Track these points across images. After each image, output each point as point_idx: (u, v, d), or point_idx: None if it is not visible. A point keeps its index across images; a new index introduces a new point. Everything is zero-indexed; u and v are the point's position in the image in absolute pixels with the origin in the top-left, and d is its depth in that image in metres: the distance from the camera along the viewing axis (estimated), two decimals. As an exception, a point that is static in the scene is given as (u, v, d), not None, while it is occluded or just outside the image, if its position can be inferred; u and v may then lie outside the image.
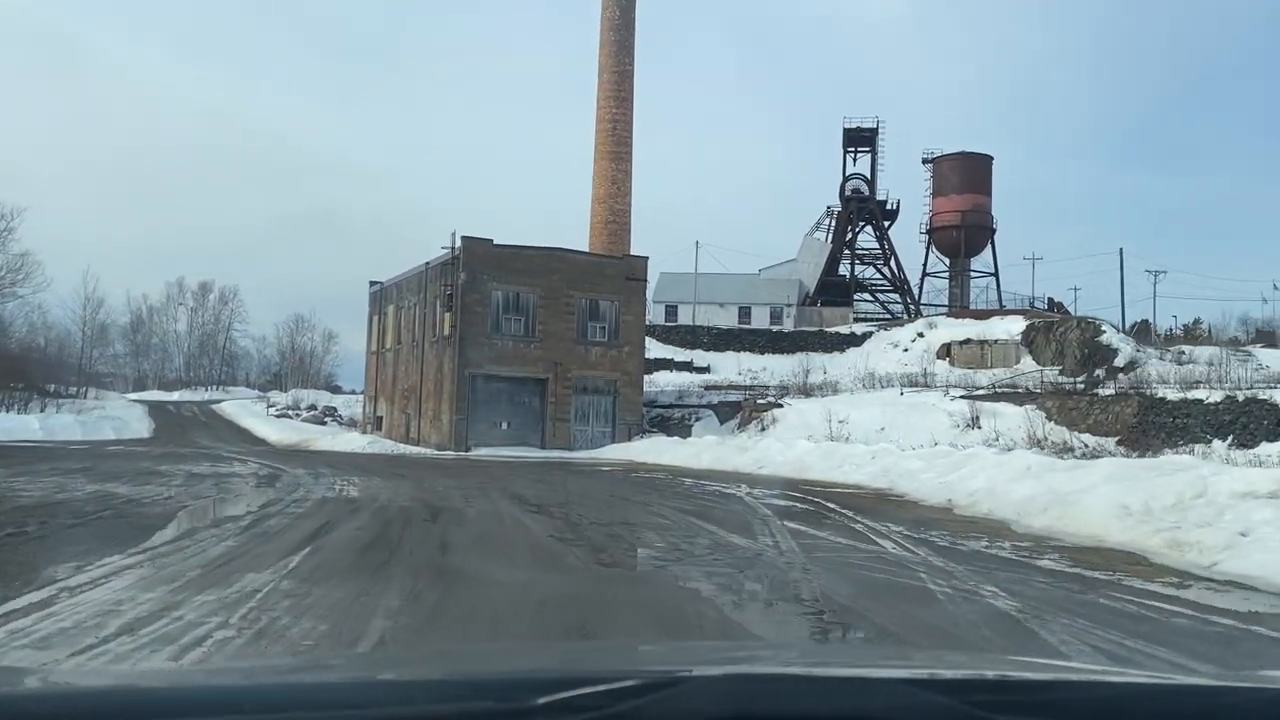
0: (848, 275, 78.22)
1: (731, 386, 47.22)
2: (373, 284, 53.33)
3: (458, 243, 40.71)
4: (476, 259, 40.31)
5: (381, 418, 50.66)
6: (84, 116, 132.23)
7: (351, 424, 56.87)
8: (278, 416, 59.08)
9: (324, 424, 58.61)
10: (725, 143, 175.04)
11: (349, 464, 27.77)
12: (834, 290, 76.65)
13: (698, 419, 42.41)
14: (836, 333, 68.32)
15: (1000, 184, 78.67)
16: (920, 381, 45.34)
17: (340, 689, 1.74)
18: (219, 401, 64.79)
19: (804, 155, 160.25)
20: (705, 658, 2.47)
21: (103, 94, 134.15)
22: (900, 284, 78.10)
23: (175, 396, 75.71)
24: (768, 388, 44.78)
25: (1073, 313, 68.62)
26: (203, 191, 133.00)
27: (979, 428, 33.35)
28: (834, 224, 78.56)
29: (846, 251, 78.65)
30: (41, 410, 45.29)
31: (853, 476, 23.20)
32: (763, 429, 38.61)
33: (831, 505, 16.71)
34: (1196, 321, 73.60)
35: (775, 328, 70.54)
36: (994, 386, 40.93)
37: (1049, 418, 32.38)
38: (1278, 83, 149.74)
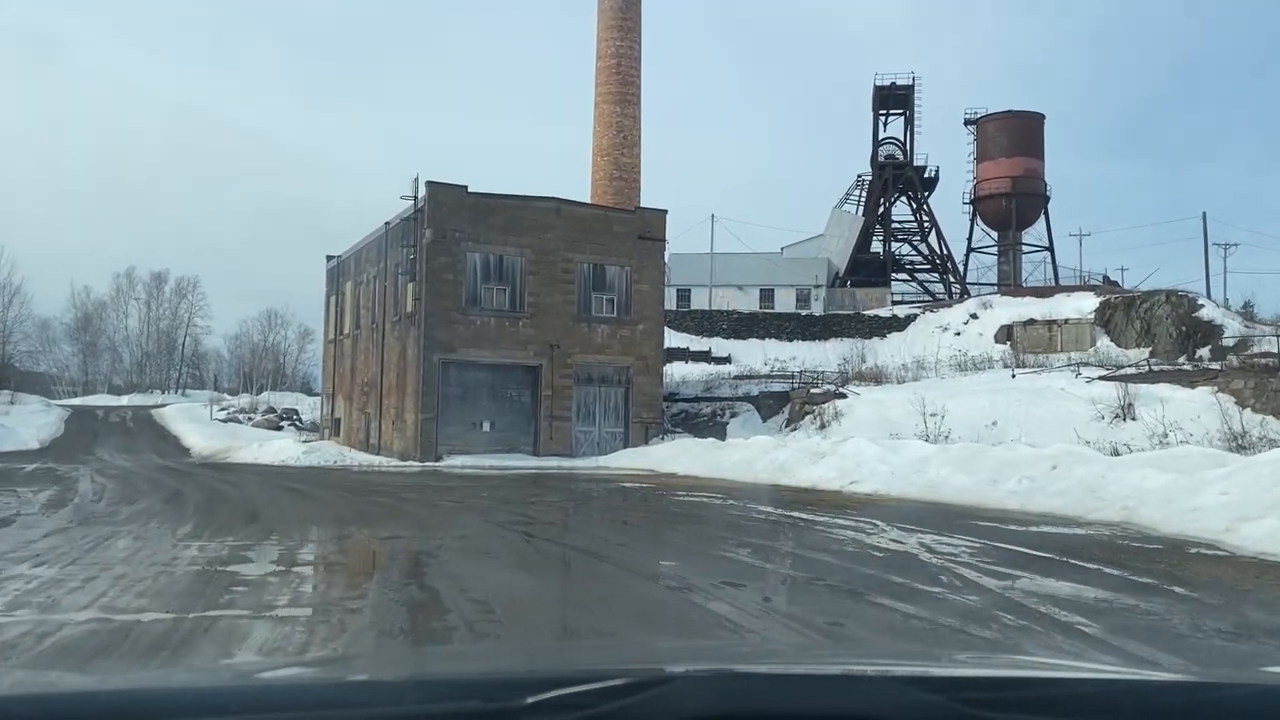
0: (882, 252, 69.16)
1: (771, 376, 37.97)
2: (330, 259, 44.16)
3: (421, 191, 31.51)
4: (446, 212, 31.14)
5: (340, 420, 41.49)
6: (55, 115, 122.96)
7: (312, 429, 48.16)
8: (225, 421, 50.02)
9: (280, 429, 49.74)
10: (740, 106, 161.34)
11: (237, 484, 18.58)
12: (867, 269, 67.64)
13: (733, 415, 33.25)
14: (875, 316, 59.92)
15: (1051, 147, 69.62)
16: (973, 365, 36.08)
17: (328, 689, 1.72)
18: (164, 406, 55.63)
19: (829, 119, 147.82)
20: (694, 656, 2.51)
21: (69, 86, 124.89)
22: (943, 260, 69.01)
23: (124, 401, 66.76)
24: (818, 375, 35.54)
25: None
26: (171, 186, 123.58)
27: (1133, 418, 24.20)
28: (865, 195, 69.55)
29: (879, 228, 69.64)
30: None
31: (1043, 502, 14.05)
32: (822, 426, 29.42)
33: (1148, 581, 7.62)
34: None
35: (803, 311, 61.67)
36: (1138, 365, 31.66)
37: (1240, 403, 23.21)
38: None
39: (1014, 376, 30.19)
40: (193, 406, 55.25)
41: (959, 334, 55.84)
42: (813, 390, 32.09)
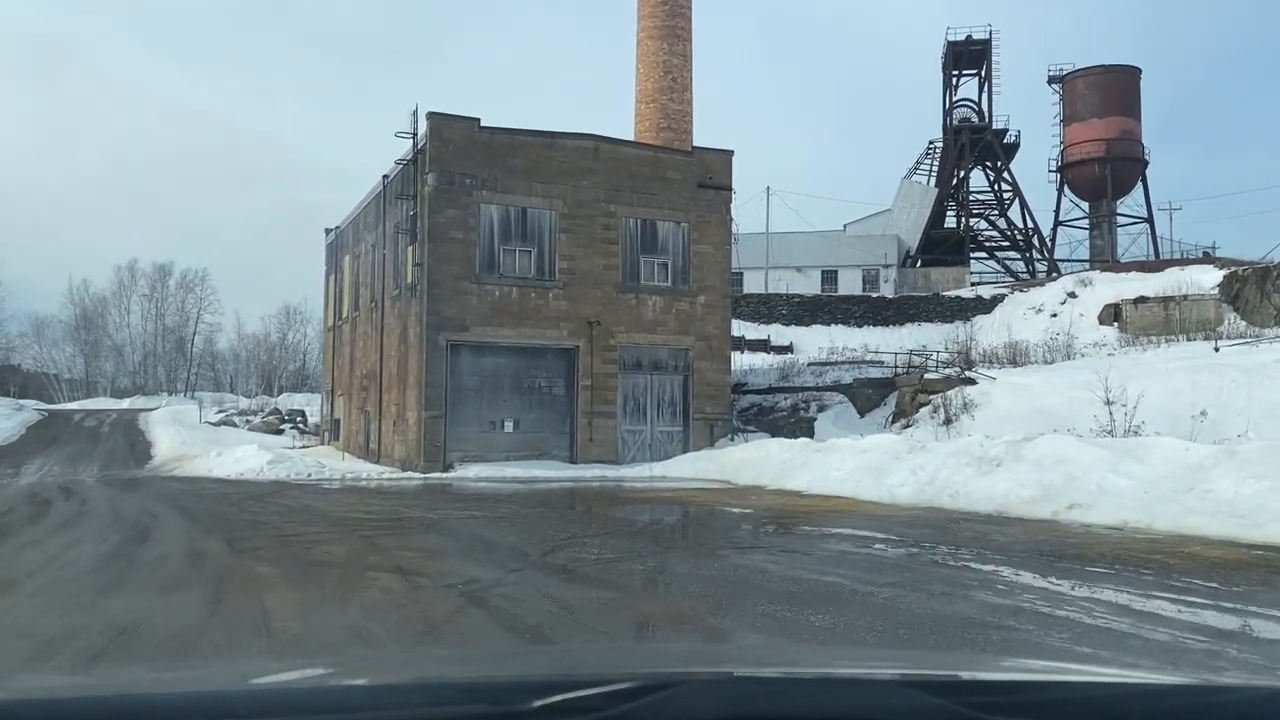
0: (959, 227, 61.71)
1: (863, 361, 30.80)
2: (328, 231, 37.62)
3: (422, 126, 24.72)
4: (453, 152, 24.33)
5: (339, 421, 34.91)
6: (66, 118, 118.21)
7: (315, 432, 41.90)
8: (218, 424, 43.77)
9: (280, 432, 43.47)
10: (796, 68, 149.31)
11: (101, 527, 11.82)
12: (942, 246, 60.32)
13: (821, 408, 26.16)
14: (957, 298, 52.75)
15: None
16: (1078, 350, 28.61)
17: (333, 693, 1.70)
18: (153, 409, 49.50)
19: (896, 80, 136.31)
20: (699, 660, 2.54)
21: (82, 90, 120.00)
22: (1027, 235, 61.32)
23: (124, 404, 60.93)
24: (927, 357, 28.32)
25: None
26: (188, 187, 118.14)
27: None
28: (938, 164, 62.06)
29: (952, 202, 62.14)
30: None
31: None
32: (947, 421, 22.30)
33: None
34: None
35: (873, 294, 54.67)
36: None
37: None
38: None
39: (1217, 350, 22.87)
40: (186, 409, 49.06)
41: (1055, 315, 49.23)
42: (928, 376, 24.91)
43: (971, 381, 23.08)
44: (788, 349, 45.80)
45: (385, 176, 28.02)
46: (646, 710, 1.36)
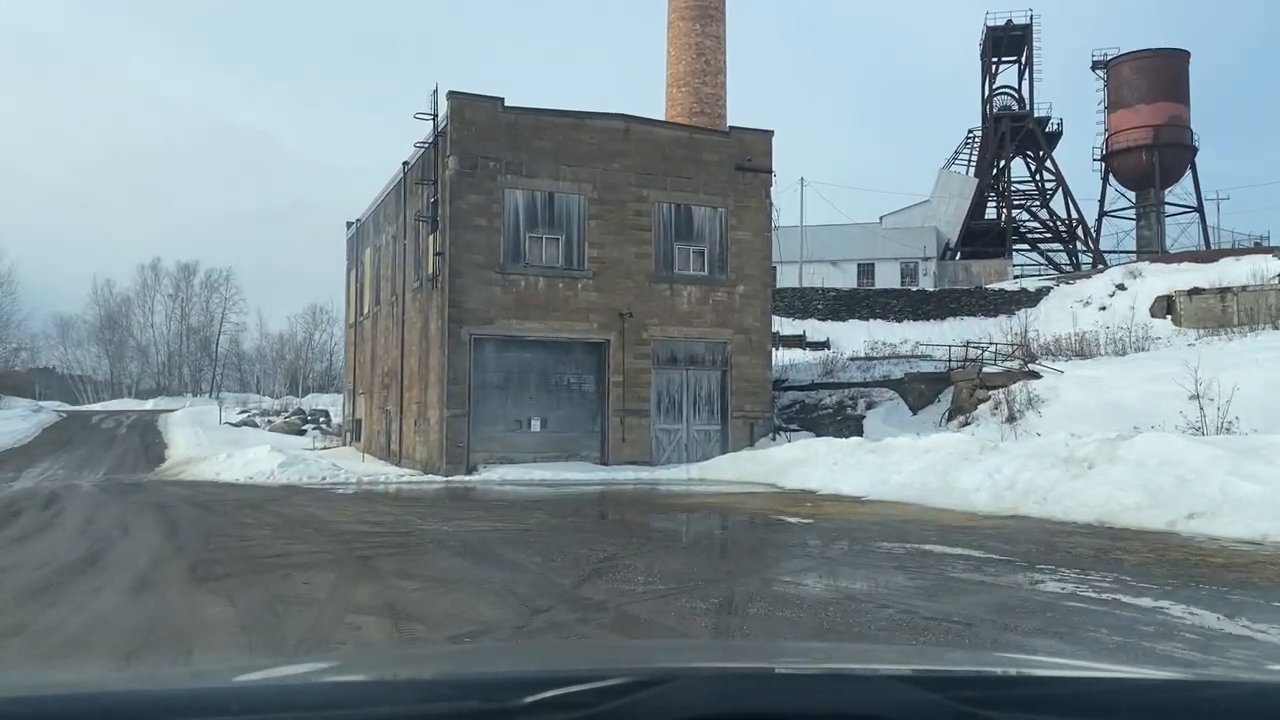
0: (1000, 218, 59.64)
1: (911, 356, 29.01)
2: (349, 225, 36.29)
3: (442, 106, 23.24)
4: (475, 134, 22.83)
5: (360, 421, 33.57)
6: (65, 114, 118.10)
7: (339, 433, 40.71)
8: (238, 425, 42.66)
9: (302, 433, 42.34)
10: (827, 55, 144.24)
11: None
12: (983, 238, 58.31)
13: (870, 405, 24.44)
14: (1000, 290, 50.90)
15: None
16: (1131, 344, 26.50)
17: (326, 690, 1.67)
18: (174, 410, 48.49)
19: (932, 68, 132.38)
20: (693, 656, 2.47)
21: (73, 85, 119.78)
22: (1070, 225, 59.16)
23: (147, 405, 60.07)
24: (984, 350, 26.49)
25: None
26: (209, 185, 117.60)
27: None
28: (977, 153, 60.02)
29: (992, 193, 60.07)
30: None
31: None
32: (1010, 418, 20.55)
33: None
34: None
35: (912, 288, 52.89)
36: None
37: None
38: None
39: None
40: (207, 410, 47.98)
41: (1104, 308, 47.37)
42: (986, 370, 23.10)
43: (1035, 375, 21.28)
44: (824, 345, 44.18)
45: (405, 163, 26.58)
46: (639, 706, 1.34)
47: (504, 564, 8.12)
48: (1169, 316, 43.31)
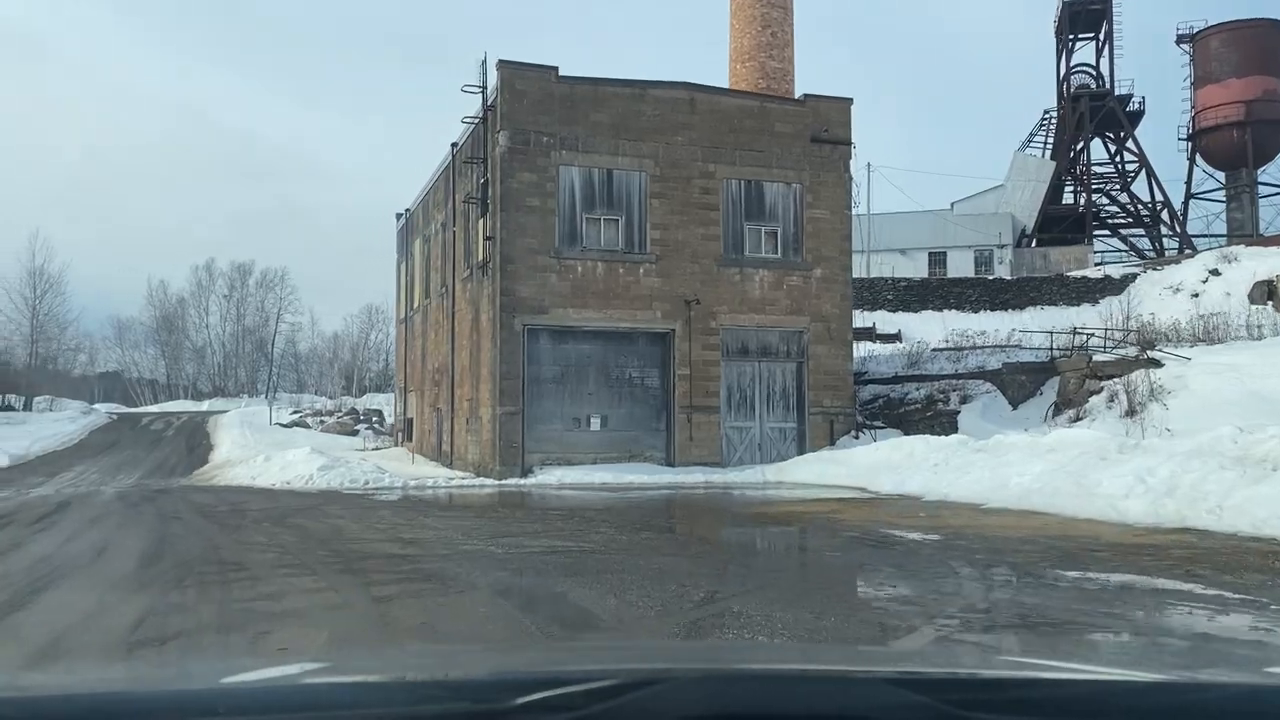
0: (1079, 203, 56.55)
1: (1006, 346, 26.52)
2: (399, 216, 34.73)
3: (491, 78, 21.41)
4: (528, 106, 20.96)
5: (412, 420, 31.96)
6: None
7: (391, 433, 39.31)
8: (289, 426, 41.42)
9: (355, 433, 41.01)
10: (892, 34, 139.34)
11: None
12: (1061, 224, 55.34)
13: (964, 400, 22.16)
14: (1083, 278, 48.09)
15: None
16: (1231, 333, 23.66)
17: (316, 691, 1.65)
18: (226, 411, 47.51)
19: (1006, 46, 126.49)
20: (685, 657, 2.45)
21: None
22: (1155, 209, 55.89)
23: (203, 406, 59.44)
24: (1090, 336, 23.99)
25: None
26: (257, 185, 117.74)
27: None
28: (1054, 135, 56.99)
29: (1069, 177, 57.02)
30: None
31: None
32: (1130, 412, 18.20)
33: None
34: None
35: (989, 276, 50.28)
36: None
37: None
38: None
39: None
40: (258, 411, 46.90)
41: (1196, 295, 44.49)
42: (1098, 358, 20.67)
43: (1155, 363, 18.85)
44: (895, 337, 41.94)
45: (454, 144, 24.83)
46: (629, 707, 1.34)
47: (565, 611, 6.13)
48: (1270, 302, 40.33)
